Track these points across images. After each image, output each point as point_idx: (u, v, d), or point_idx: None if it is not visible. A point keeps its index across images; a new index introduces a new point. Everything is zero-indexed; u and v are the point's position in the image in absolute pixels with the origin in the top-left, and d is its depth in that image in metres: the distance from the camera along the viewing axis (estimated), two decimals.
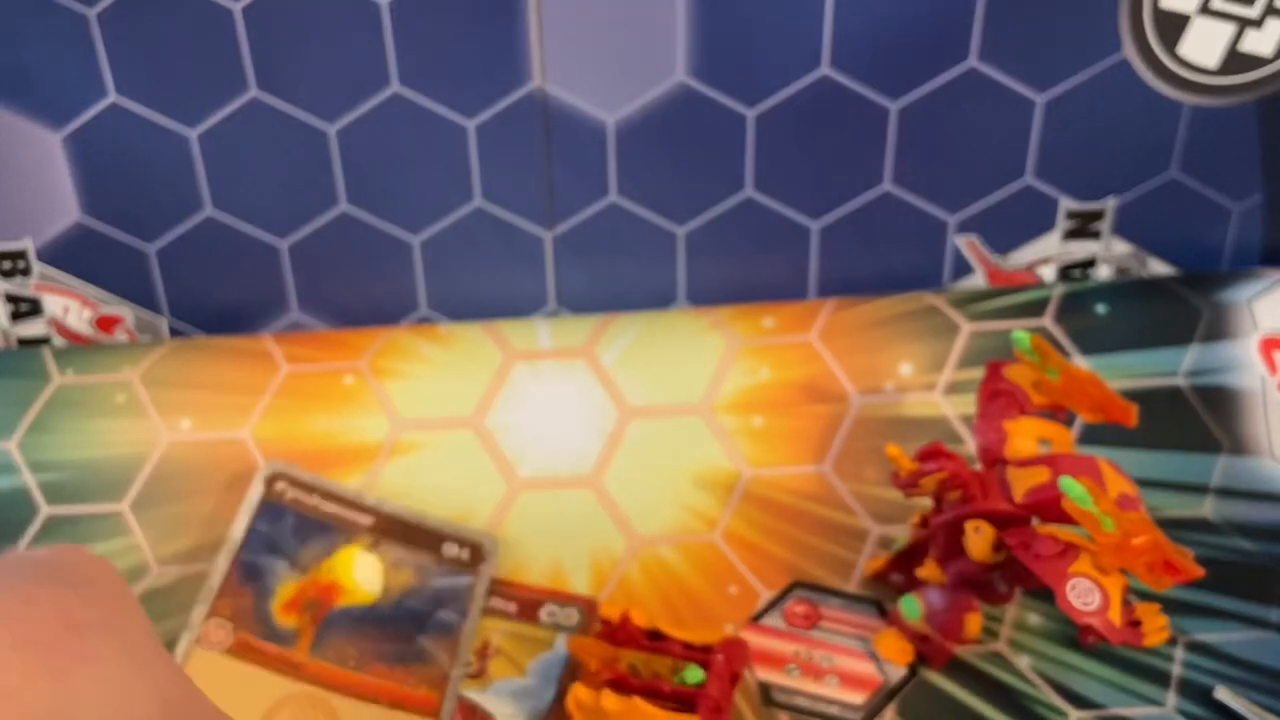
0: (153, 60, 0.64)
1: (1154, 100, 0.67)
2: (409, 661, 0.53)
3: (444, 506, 0.64)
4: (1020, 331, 0.54)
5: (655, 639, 0.52)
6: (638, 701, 0.48)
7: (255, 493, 0.59)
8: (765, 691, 0.54)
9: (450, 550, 0.58)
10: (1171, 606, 0.53)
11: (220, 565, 0.56)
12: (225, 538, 0.57)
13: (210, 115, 0.66)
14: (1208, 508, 0.62)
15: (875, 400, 0.67)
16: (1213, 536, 0.60)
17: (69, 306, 0.71)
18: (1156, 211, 0.71)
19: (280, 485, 0.59)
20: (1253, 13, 0.64)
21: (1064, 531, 0.49)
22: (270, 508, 0.58)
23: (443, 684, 0.53)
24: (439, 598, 0.56)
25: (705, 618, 0.58)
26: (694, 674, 0.50)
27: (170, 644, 0.54)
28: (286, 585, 0.55)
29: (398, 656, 0.53)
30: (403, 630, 0.54)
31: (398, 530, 0.58)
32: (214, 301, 0.71)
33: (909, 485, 0.54)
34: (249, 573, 0.55)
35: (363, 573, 0.56)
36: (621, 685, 0.50)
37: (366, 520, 0.58)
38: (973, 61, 0.66)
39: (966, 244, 0.71)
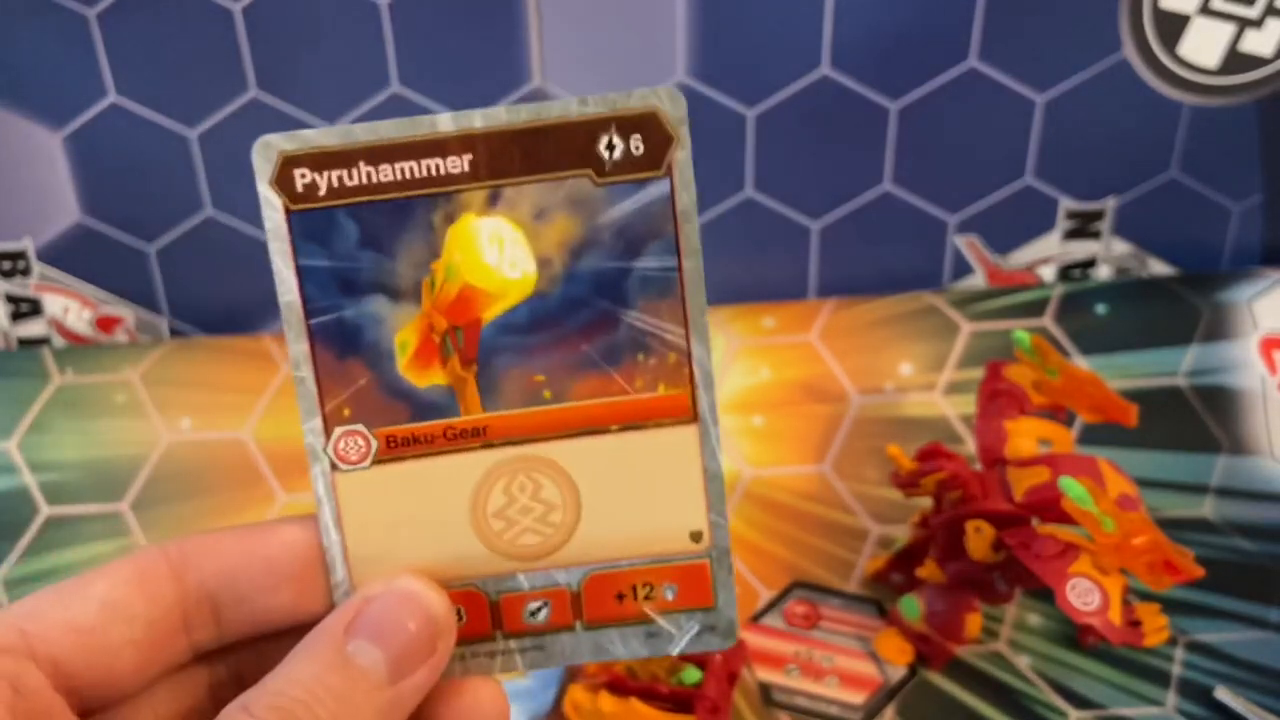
0: (153, 60, 0.64)
1: (1154, 100, 0.67)
2: (625, 355, 0.33)
3: None
4: (1020, 331, 0.54)
5: None
6: (635, 703, 0.48)
7: (274, 212, 0.32)
8: (765, 691, 0.54)
9: (613, 149, 0.33)
10: (1171, 606, 0.53)
11: (298, 354, 0.34)
12: (281, 312, 0.33)
13: (210, 115, 0.66)
14: (1208, 508, 0.62)
15: (875, 400, 0.67)
16: (1213, 536, 0.60)
17: (69, 306, 0.71)
18: (1156, 211, 0.71)
19: (301, 177, 0.32)
20: (1253, 13, 0.64)
21: (1064, 531, 0.49)
22: (307, 223, 0.33)
23: (685, 370, 0.33)
24: (628, 235, 0.33)
25: None
26: (691, 674, 0.50)
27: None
28: (402, 329, 0.33)
29: (605, 355, 0.33)
30: (596, 312, 0.33)
31: (515, 154, 0.32)
32: (214, 302, 0.71)
33: (909, 485, 0.54)
34: (339, 338, 0.33)
35: (494, 252, 0.33)
36: (618, 687, 0.50)
37: (459, 164, 0.33)
38: (973, 61, 0.66)
39: (966, 244, 0.71)
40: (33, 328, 0.72)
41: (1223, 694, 0.53)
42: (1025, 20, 0.65)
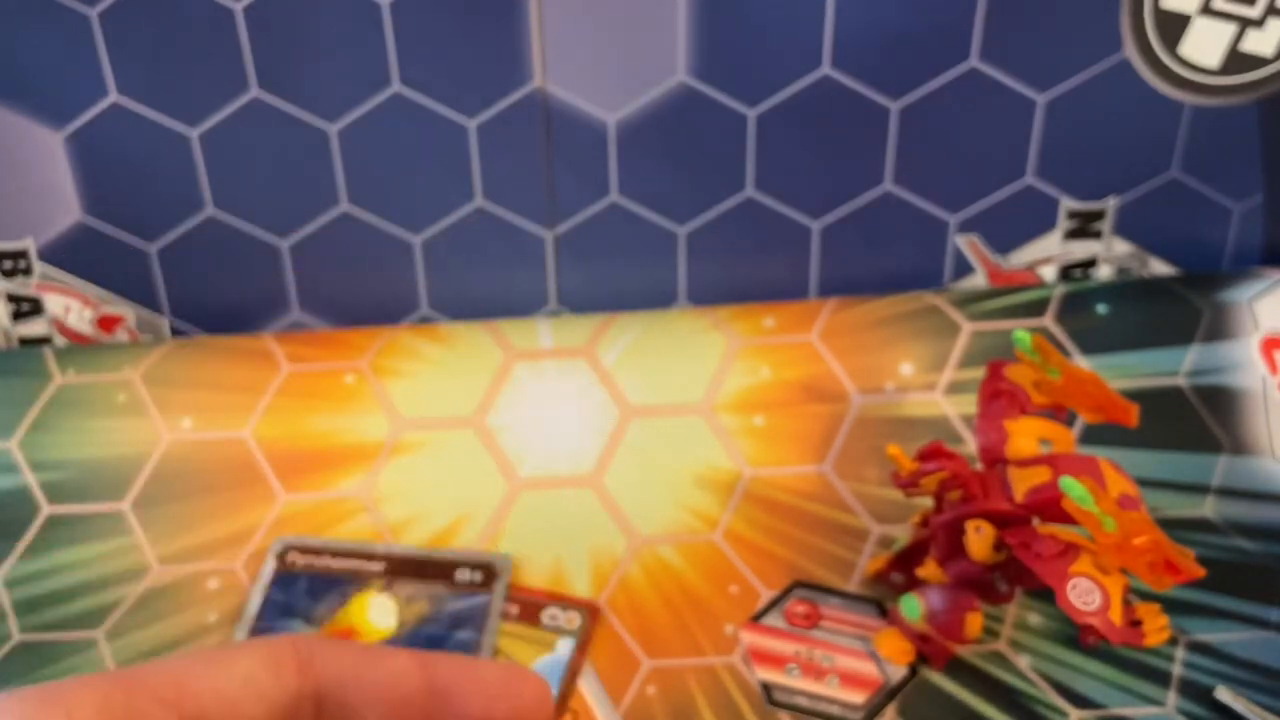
0: (154, 60, 0.64)
1: (1154, 100, 0.67)
2: None
3: (444, 506, 0.64)
4: (1021, 331, 0.54)
5: None
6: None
7: (268, 568, 0.60)
8: (766, 691, 0.54)
9: (463, 575, 0.59)
10: (1172, 606, 0.53)
11: (238, 639, 0.56)
12: (241, 613, 0.58)
13: (211, 115, 0.66)
14: (1208, 508, 0.62)
15: (876, 400, 0.67)
16: (1213, 536, 0.60)
17: (70, 306, 0.71)
18: (1157, 211, 0.71)
19: (291, 556, 0.60)
20: (1254, 13, 0.64)
21: (1065, 531, 0.49)
22: (283, 577, 0.59)
23: None
24: (456, 620, 0.58)
25: (706, 617, 0.58)
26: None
27: None
28: None
29: None
30: None
31: (409, 568, 0.60)
32: (215, 301, 0.71)
33: (909, 485, 0.54)
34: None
35: (377, 613, 0.58)
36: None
37: (378, 567, 0.60)
38: (973, 61, 0.66)
39: (967, 244, 0.71)
40: (34, 327, 0.72)
41: (1223, 694, 0.53)
42: (1026, 20, 0.65)
